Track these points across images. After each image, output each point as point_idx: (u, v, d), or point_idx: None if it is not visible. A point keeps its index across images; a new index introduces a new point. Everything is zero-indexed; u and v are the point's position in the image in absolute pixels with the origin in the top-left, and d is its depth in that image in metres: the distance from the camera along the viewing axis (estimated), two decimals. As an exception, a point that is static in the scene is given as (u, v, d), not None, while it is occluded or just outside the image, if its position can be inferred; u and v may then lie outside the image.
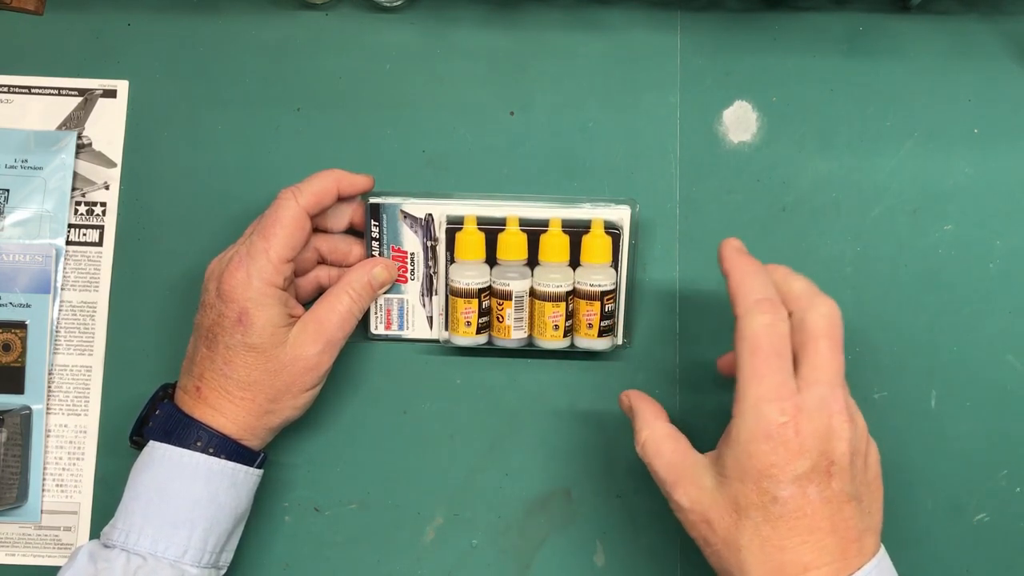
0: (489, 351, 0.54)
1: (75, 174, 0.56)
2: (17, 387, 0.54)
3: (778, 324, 0.41)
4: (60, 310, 0.55)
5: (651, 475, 0.44)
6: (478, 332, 0.52)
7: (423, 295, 0.54)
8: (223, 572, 0.49)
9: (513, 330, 0.52)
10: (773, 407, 0.39)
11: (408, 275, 0.54)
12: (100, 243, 0.56)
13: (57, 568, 0.47)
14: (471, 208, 0.52)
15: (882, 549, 0.42)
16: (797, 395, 0.40)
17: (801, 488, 0.39)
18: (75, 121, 0.56)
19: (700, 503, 0.41)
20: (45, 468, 0.54)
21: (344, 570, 0.54)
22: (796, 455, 0.39)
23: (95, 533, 0.54)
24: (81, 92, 0.56)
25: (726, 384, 0.54)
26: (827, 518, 0.39)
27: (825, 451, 0.39)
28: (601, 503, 0.54)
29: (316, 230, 0.52)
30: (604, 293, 0.51)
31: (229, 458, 0.47)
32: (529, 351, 0.54)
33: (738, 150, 0.55)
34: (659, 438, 0.44)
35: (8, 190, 0.55)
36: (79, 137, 0.56)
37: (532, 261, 0.52)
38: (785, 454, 0.39)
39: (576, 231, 0.51)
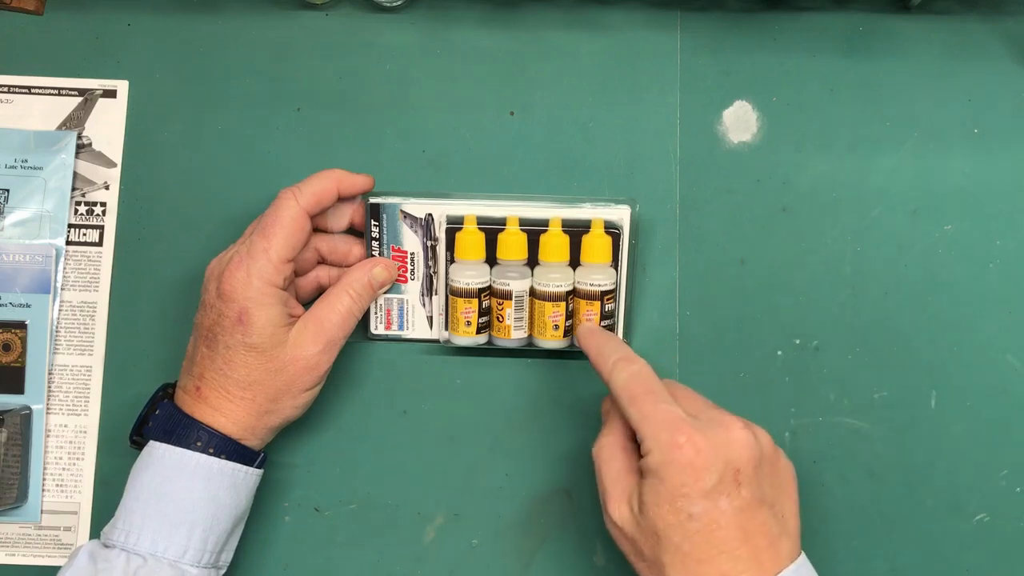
0: (489, 351, 0.54)
1: (75, 174, 0.56)
2: (17, 387, 0.54)
3: (642, 370, 0.44)
4: (60, 310, 0.55)
5: (596, 479, 0.45)
6: (478, 332, 0.52)
7: (423, 295, 0.54)
8: (223, 572, 0.49)
9: (513, 330, 0.52)
10: (669, 434, 0.41)
11: (408, 275, 0.54)
12: (100, 243, 0.56)
13: (57, 568, 0.47)
14: (471, 208, 0.52)
15: (802, 556, 0.42)
16: (688, 418, 0.42)
17: (712, 501, 0.40)
18: (75, 121, 0.56)
19: (628, 524, 0.42)
20: (45, 468, 0.54)
21: (344, 570, 0.54)
22: (702, 470, 0.40)
23: (95, 533, 0.54)
24: (81, 92, 0.56)
25: (726, 384, 0.54)
26: (740, 527, 0.40)
27: (729, 460, 0.40)
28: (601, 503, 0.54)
29: (316, 230, 0.52)
30: (604, 293, 0.51)
31: (229, 458, 0.47)
32: (529, 351, 0.54)
33: (738, 150, 0.55)
34: (617, 446, 0.45)
35: (8, 190, 0.55)
36: (79, 137, 0.56)
37: (532, 261, 0.52)
38: (692, 472, 0.40)
39: (576, 231, 0.51)
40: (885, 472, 0.53)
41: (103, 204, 0.56)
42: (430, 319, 0.54)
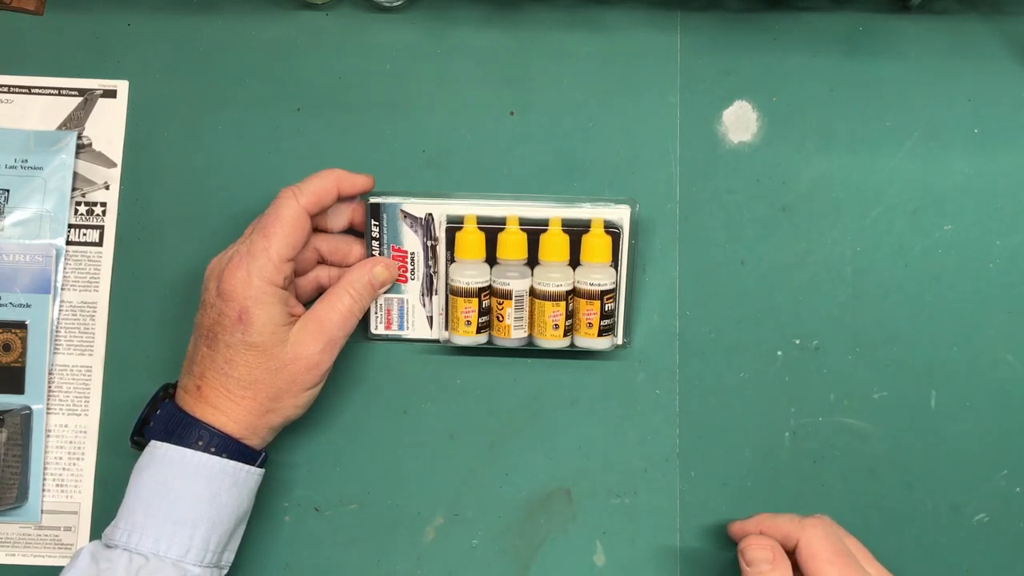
0: (489, 351, 0.54)
1: (75, 174, 0.56)
2: (17, 387, 0.54)
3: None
4: (60, 310, 0.55)
5: None
6: (478, 332, 0.52)
7: (423, 295, 0.54)
8: (225, 572, 0.49)
9: (513, 329, 0.52)
10: None
11: (408, 275, 0.54)
12: (100, 243, 0.56)
13: (57, 568, 0.47)
14: (471, 208, 0.52)
15: None
16: None
17: None
18: (75, 121, 0.56)
19: None
20: (45, 468, 0.54)
21: (344, 570, 0.54)
22: None
23: (95, 533, 0.54)
24: (81, 92, 0.56)
25: (726, 384, 0.54)
26: None
27: None
28: (601, 503, 0.54)
29: (316, 230, 0.52)
30: (604, 292, 0.51)
31: (231, 457, 0.47)
32: (529, 351, 0.54)
33: (738, 150, 0.55)
34: None
35: (8, 190, 0.55)
36: (79, 137, 0.56)
37: (532, 261, 0.52)
38: None
39: (576, 231, 0.51)
40: (885, 472, 0.53)
41: (103, 204, 0.56)
42: (430, 319, 0.54)
